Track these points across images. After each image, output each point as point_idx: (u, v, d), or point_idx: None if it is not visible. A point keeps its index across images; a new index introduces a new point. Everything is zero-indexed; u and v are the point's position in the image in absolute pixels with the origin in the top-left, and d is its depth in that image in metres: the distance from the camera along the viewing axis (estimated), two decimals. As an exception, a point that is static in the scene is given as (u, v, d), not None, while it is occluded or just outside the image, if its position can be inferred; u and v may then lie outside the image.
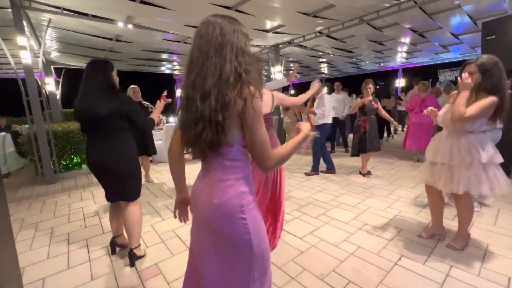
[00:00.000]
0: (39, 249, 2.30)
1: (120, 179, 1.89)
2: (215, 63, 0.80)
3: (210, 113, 0.80)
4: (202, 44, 0.82)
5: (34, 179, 4.66)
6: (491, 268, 1.81)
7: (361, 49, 7.82)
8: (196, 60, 0.83)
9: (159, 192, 3.73)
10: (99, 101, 1.75)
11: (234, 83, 0.80)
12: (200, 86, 0.82)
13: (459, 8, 4.58)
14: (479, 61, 1.79)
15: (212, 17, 0.84)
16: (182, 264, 1.99)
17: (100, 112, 1.74)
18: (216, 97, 0.80)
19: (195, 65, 0.83)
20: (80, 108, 1.77)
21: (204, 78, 0.81)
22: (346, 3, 4.28)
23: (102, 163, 1.83)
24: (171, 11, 4.37)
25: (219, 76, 0.80)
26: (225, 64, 0.80)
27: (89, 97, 1.76)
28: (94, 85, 1.78)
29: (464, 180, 1.84)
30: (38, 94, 4.14)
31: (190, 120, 0.85)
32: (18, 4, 3.84)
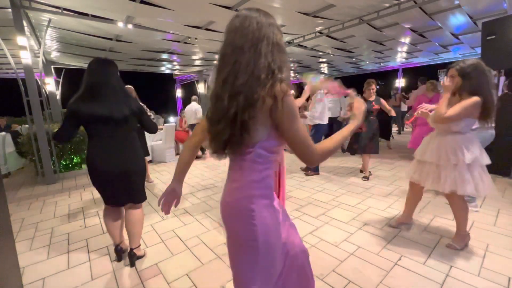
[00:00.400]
0: (39, 249, 2.30)
1: (136, 180, 1.91)
2: (249, 59, 0.76)
3: (236, 112, 0.77)
4: (236, 39, 0.78)
5: (34, 179, 4.67)
6: (491, 268, 1.81)
7: (361, 49, 7.82)
8: (229, 56, 0.79)
9: (159, 192, 3.73)
10: (120, 102, 1.78)
11: (265, 80, 0.76)
12: (230, 84, 0.78)
13: (459, 8, 4.58)
14: (459, 66, 1.88)
15: (247, 11, 0.80)
16: (182, 264, 2.00)
17: (124, 113, 1.76)
18: (246, 95, 0.76)
19: (227, 62, 0.79)
20: (102, 112, 1.70)
21: (236, 75, 0.77)
22: (346, 3, 4.28)
23: (121, 167, 1.80)
24: (171, 11, 4.37)
25: (251, 73, 0.76)
26: (259, 60, 0.76)
27: (110, 100, 1.74)
28: (112, 87, 1.77)
29: (450, 179, 1.90)
30: (38, 94, 4.14)
31: (214, 118, 0.84)
32: (18, 4, 3.84)
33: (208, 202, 3.29)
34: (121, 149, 1.81)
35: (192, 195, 3.57)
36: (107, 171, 1.78)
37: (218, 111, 0.82)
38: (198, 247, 2.23)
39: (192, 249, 2.21)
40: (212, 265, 1.98)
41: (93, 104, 1.70)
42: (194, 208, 3.10)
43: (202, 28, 5.35)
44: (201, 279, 1.82)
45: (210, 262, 2.01)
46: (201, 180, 4.26)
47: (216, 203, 3.22)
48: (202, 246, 2.24)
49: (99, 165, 1.77)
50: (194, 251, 2.17)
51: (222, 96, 0.80)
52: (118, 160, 1.79)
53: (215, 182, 4.13)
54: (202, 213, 2.94)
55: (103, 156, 1.77)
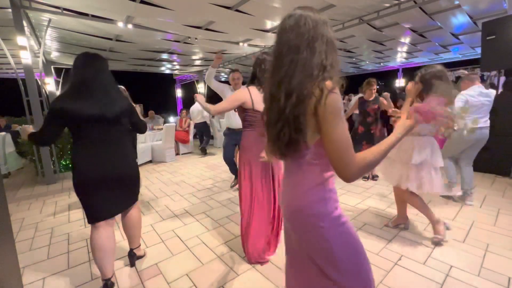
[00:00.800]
0: (39, 249, 2.30)
1: (133, 185, 1.80)
2: (305, 58, 0.76)
3: (291, 110, 0.77)
4: (292, 39, 0.77)
5: (34, 179, 4.67)
6: (491, 268, 1.81)
7: (361, 49, 7.82)
8: (285, 56, 0.78)
9: (159, 192, 3.74)
10: (111, 101, 1.60)
11: (316, 77, 0.76)
12: (286, 83, 0.77)
13: (459, 8, 4.58)
14: (420, 73, 2.06)
15: (301, 10, 0.80)
16: (182, 264, 2.00)
17: (116, 112, 1.59)
18: (298, 92, 0.76)
19: (283, 62, 0.79)
20: (91, 111, 1.50)
21: (292, 74, 0.77)
22: (346, 3, 4.28)
23: (117, 172, 1.62)
24: (171, 11, 4.37)
25: (306, 72, 0.76)
26: (314, 58, 0.76)
27: (100, 98, 1.56)
28: (102, 83, 1.59)
29: (397, 175, 2.18)
30: (38, 94, 4.15)
31: (272, 120, 0.83)
32: (18, 4, 3.84)
33: (208, 202, 3.29)
34: (115, 153, 1.62)
35: (192, 195, 3.57)
36: (101, 178, 1.56)
37: (275, 113, 0.81)
38: (198, 247, 2.23)
39: (192, 249, 2.21)
40: (212, 265, 1.98)
41: (81, 103, 1.49)
42: (194, 208, 3.10)
43: (202, 28, 5.35)
44: (201, 279, 1.82)
45: (210, 262, 2.01)
46: (201, 180, 4.26)
47: (216, 203, 3.23)
48: (202, 246, 2.24)
49: (93, 171, 1.54)
50: (194, 251, 2.17)
51: (278, 97, 0.80)
52: (112, 165, 1.59)
53: (215, 182, 4.13)
54: (202, 213, 2.94)
55: (95, 161, 1.55)
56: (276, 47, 0.82)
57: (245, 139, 1.96)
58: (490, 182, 3.61)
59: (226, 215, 2.87)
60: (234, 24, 5.22)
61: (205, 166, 5.30)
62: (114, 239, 1.69)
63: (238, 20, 4.91)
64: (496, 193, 3.22)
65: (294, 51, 0.77)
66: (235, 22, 5.03)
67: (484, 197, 3.09)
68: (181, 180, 4.33)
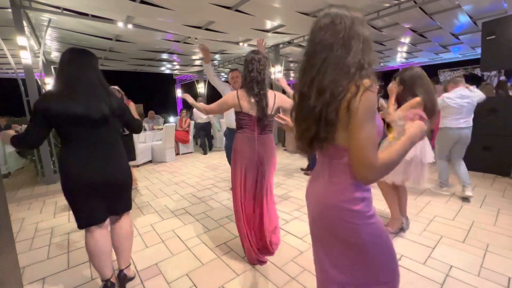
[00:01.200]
0: (39, 249, 2.30)
1: (127, 188, 1.69)
2: (339, 57, 0.76)
3: (322, 108, 0.77)
4: (326, 38, 0.78)
5: (34, 179, 4.67)
6: (491, 268, 1.81)
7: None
8: (318, 54, 0.79)
9: (159, 192, 3.74)
10: (99, 100, 1.48)
11: (353, 74, 0.76)
12: (318, 82, 0.78)
13: (459, 8, 4.58)
14: (399, 74, 2.21)
15: (337, 9, 0.81)
16: (182, 264, 2.00)
17: (103, 113, 1.48)
18: (332, 90, 0.75)
19: (316, 60, 0.79)
20: (77, 110, 1.40)
21: (325, 72, 0.77)
22: (346, 3, 4.27)
23: (108, 177, 1.53)
24: (171, 11, 4.37)
25: (340, 70, 0.76)
26: (349, 57, 0.76)
27: (86, 96, 1.44)
28: (89, 81, 1.48)
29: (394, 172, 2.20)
30: (38, 94, 4.15)
31: (300, 118, 0.86)
32: (18, 4, 3.84)
33: (208, 202, 3.29)
34: (105, 155, 1.53)
35: (192, 195, 3.57)
36: (91, 183, 1.47)
37: (304, 110, 0.83)
38: (198, 247, 2.23)
39: (192, 249, 2.21)
40: (212, 265, 1.98)
41: (64, 102, 1.39)
42: (194, 208, 3.10)
43: (202, 28, 5.35)
44: (201, 279, 1.82)
45: (210, 262, 2.01)
46: (201, 180, 4.26)
47: (216, 203, 3.23)
48: (202, 246, 2.24)
49: (82, 176, 1.45)
50: (194, 251, 2.17)
51: (308, 95, 0.81)
52: (103, 168, 1.51)
53: (215, 182, 4.13)
54: (202, 213, 2.94)
55: (84, 165, 1.46)
56: (310, 46, 0.83)
57: (236, 141, 1.95)
58: (490, 182, 3.61)
59: (226, 215, 2.87)
60: (234, 24, 5.22)
61: (205, 166, 5.30)
62: (110, 241, 1.64)
63: (238, 20, 4.91)
64: (496, 193, 3.22)
65: (328, 49, 0.77)
66: (235, 22, 5.03)
67: (484, 197, 3.09)
68: (181, 180, 4.33)
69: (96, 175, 1.49)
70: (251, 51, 1.89)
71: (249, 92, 1.84)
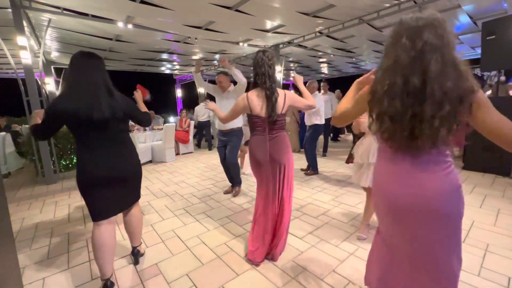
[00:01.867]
0: (39, 249, 2.30)
1: (137, 182, 1.84)
2: (447, 57, 0.83)
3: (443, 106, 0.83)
4: (432, 39, 0.84)
5: (34, 179, 4.67)
6: (491, 268, 1.81)
7: (361, 49, 7.82)
8: (428, 53, 0.84)
9: (159, 192, 3.74)
10: (102, 102, 1.56)
11: (464, 75, 0.84)
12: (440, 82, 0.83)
13: (459, 8, 4.58)
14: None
15: (435, 13, 0.87)
16: (182, 264, 2.00)
17: (105, 115, 1.55)
18: (449, 90, 0.82)
19: (426, 58, 0.84)
20: (84, 112, 1.50)
21: (441, 71, 0.83)
22: (346, 3, 4.28)
23: (120, 171, 1.66)
24: (171, 11, 4.37)
25: (450, 70, 0.83)
26: (453, 57, 0.84)
27: (89, 100, 1.53)
28: (95, 85, 1.57)
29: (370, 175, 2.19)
30: (38, 94, 4.15)
31: (398, 114, 0.89)
32: (18, 4, 3.84)
33: (208, 202, 3.29)
34: (116, 152, 1.66)
35: (192, 195, 3.57)
36: (103, 178, 1.59)
37: (404, 107, 0.88)
38: (198, 247, 2.23)
39: (192, 249, 2.21)
40: (212, 265, 1.98)
41: (74, 105, 1.49)
42: (194, 208, 3.10)
43: (202, 28, 5.35)
44: (201, 279, 1.82)
45: (210, 262, 2.01)
46: (201, 180, 4.26)
47: (216, 203, 3.23)
48: (202, 246, 2.24)
49: (95, 172, 1.57)
50: (194, 251, 2.17)
51: (423, 94, 0.85)
52: (114, 165, 1.63)
53: (215, 182, 4.13)
54: (202, 213, 2.94)
55: (97, 162, 1.58)
56: (414, 45, 0.86)
57: (250, 144, 2.00)
58: (490, 182, 3.61)
59: (226, 215, 2.87)
60: (234, 24, 5.22)
61: (205, 166, 5.30)
62: (115, 237, 1.71)
63: (238, 20, 4.91)
64: (496, 193, 3.22)
65: (436, 51, 0.84)
66: (235, 22, 5.03)
67: (484, 197, 3.09)
68: (181, 180, 4.33)
69: (107, 170, 1.60)
70: (259, 51, 1.92)
71: (260, 88, 1.88)
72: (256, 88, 1.91)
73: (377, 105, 0.96)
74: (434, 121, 0.84)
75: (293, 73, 2.82)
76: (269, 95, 1.85)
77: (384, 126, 0.94)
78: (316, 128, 4.36)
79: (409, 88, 0.87)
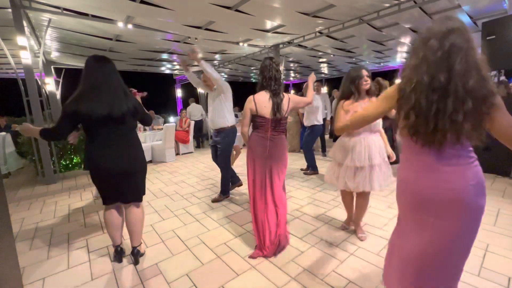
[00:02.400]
0: (39, 249, 2.30)
1: (140, 178, 1.98)
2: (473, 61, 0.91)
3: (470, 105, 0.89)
4: (458, 42, 0.92)
5: (34, 179, 4.67)
6: (491, 268, 1.81)
7: (361, 49, 7.82)
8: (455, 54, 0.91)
9: (159, 192, 3.74)
10: (120, 100, 1.78)
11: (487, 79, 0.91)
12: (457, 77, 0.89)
13: (459, 8, 4.58)
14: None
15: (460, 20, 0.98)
16: (182, 264, 2.00)
17: (122, 111, 1.77)
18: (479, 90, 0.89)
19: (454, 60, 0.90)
20: (102, 111, 1.70)
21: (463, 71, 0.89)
22: (346, 3, 4.28)
23: (126, 166, 1.84)
24: (171, 11, 4.37)
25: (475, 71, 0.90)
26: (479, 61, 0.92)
27: (109, 98, 1.74)
28: (112, 85, 1.78)
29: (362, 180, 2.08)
30: (38, 94, 4.15)
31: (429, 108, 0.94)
32: (18, 4, 3.84)
33: (208, 202, 3.29)
34: (125, 147, 1.85)
35: (192, 195, 3.57)
36: (112, 170, 1.80)
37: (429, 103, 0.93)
38: (198, 247, 2.23)
39: (192, 249, 2.21)
40: (212, 265, 1.98)
41: (91, 105, 1.69)
42: (194, 208, 3.10)
43: (202, 28, 5.35)
44: (201, 279, 1.82)
45: (210, 262, 2.01)
46: (201, 180, 4.26)
47: (216, 203, 3.22)
48: (202, 246, 2.24)
49: (104, 164, 1.78)
50: (194, 251, 2.17)
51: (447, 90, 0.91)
52: (122, 159, 1.82)
53: (215, 182, 4.13)
54: (202, 213, 2.94)
55: (106, 155, 1.78)
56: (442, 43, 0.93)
57: (250, 140, 2.12)
58: (490, 182, 3.61)
59: (226, 215, 2.87)
60: (234, 24, 5.22)
61: (205, 166, 5.30)
62: (120, 219, 2.01)
63: (238, 20, 4.91)
64: (496, 193, 3.22)
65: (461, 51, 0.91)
66: (235, 22, 5.03)
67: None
68: (181, 180, 4.33)
69: (114, 163, 1.80)
70: (266, 58, 2.08)
71: (266, 90, 2.03)
72: (262, 90, 2.05)
73: (405, 102, 1.00)
74: (457, 115, 0.90)
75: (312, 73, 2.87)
76: (275, 98, 2.01)
77: (411, 122, 0.99)
78: (315, 128, 4.37)
79: (435, 85, 0.92)
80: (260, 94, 2.05)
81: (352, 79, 2.06)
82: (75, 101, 1.70)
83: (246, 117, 2.09)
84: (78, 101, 1.70)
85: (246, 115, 2.08)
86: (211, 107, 3.16)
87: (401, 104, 1.02)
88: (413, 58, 1.00)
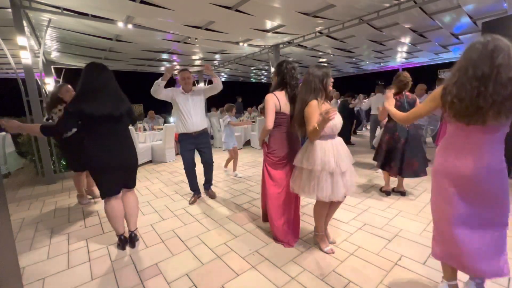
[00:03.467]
0: (39, 249, 2.30)
1: (135, 168, 2.26)
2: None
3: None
4: (500, 44, 1.11)
5: (34, 179, 4.67)
6: (491, 268, 1.81)
7: (361, 49, 7.83)
8: (499, 51, 1.10)
9: (159, 192, 3.74)
10: (117, 103, 2.03)
11: None
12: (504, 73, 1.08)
13: (459, 8, 4.58)
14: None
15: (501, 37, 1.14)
16: (182, 264, 2.00)
17: (120, 111, 2.03)
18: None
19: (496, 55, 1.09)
20: (103, 111, 1.92)
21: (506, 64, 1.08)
22: (346, 3, 4.28)
23: (124, 161, 2.10)
24: (171, 11, 4.37)
25: None
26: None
27: (109, 100, 1.98)
28: (110, 89, 2.03)
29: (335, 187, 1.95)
30: (38, 94, 4.15)
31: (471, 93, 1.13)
32: (18, 4, 3.84)
33: (208, 202, 3.29)
34: (120, 144, 2.08)
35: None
36: (109, 164, 2.01)
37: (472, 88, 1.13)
38: (198, 247, 2.23)
39: (192, 249, 2.21)
40: (212, 265, 1.98)
41: (95, 105, 1.90)
42: (194, 208, 3.10)
43: (202, 28, 5.35)
44: (201, 279, 1.82)
45: (210, 262, 2.01)
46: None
47: (216, 203, 3.23)
48: (202, 246, 2.24)
49: (102, 159, 1.98)
50: (194, 251, 2.17)
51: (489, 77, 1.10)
52: (118, 154, 2.05)
53: (215, 182, 4.12)
54: (202, 213, 2.94)
55: (104, 151, 1.99)
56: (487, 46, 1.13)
57: (272, 137, 2.21)
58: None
59: (226, 215, 2.87)
60: (234, 24, 5.22)
61: (205, 166, 5.29)
62: (122, 208, 2.19)
63: (238, 20, 4.91)
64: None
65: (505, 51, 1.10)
66: (235, 22, 5.03)
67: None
68: (181, 180, 4.33)
69: (113, 159, 2.02)
70: (284, 61, 2.21)
71: (284, 90, 2.16)
72: (279, 89, 2.17)
73: (449, 93, 1.20)
74: (498, 96, 1.08)
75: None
76: (293, 97, 2.14)
77: (454, 108, 1.19)
78: None
79: (478, 74, 1.11)
80: (279, 92, 2.15)
81: (320, 78, 1.88)
82: (78, 101, 1.90)
83: (272, 113, 2.10)
84: (82, 101, 1.90)
85: (272, 112, 2.10)
86: (194, 111, 3.06)
87: (445, 97, 1.22)
88: (458, 62, 1.20)
